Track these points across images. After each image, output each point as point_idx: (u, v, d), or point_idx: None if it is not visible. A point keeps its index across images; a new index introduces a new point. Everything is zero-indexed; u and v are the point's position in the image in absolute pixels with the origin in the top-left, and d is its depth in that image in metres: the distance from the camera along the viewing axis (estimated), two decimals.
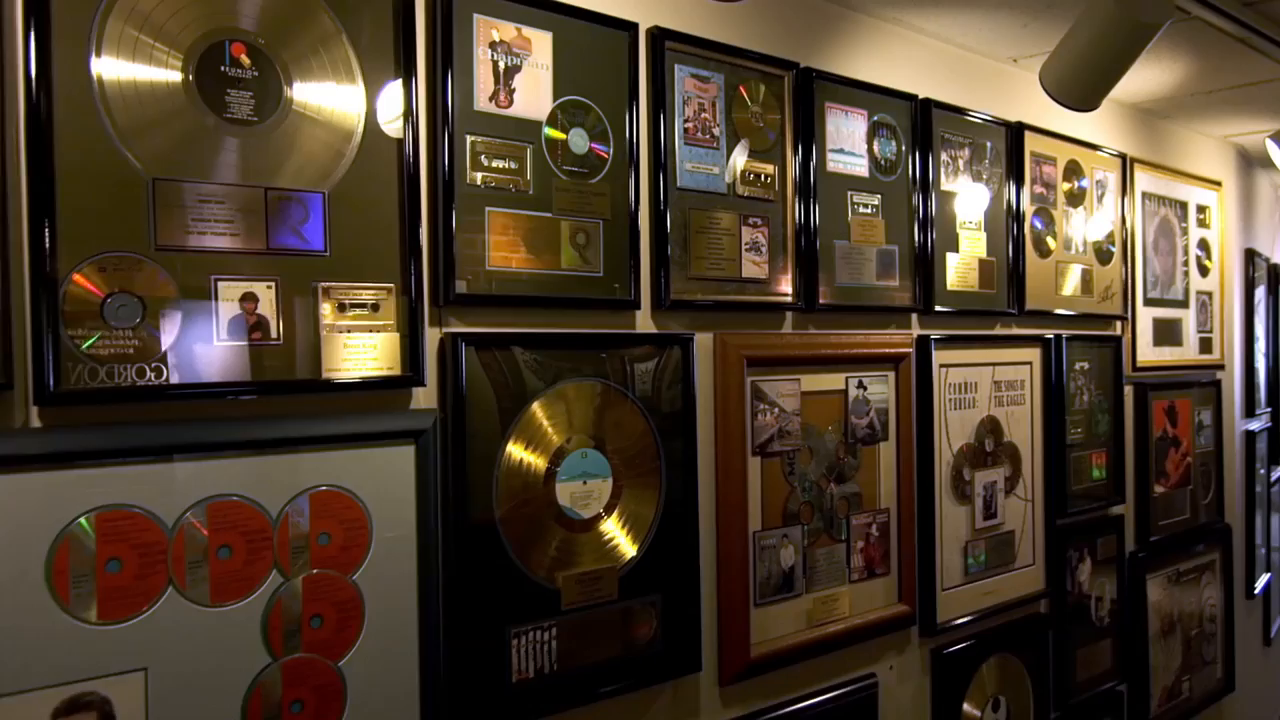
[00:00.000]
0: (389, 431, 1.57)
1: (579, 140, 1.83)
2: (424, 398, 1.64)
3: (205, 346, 1.39)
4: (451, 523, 1.64)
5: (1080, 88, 2.02)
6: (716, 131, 2.06)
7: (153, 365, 1.35)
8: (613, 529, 1.87)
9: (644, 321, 1.96)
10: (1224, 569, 3.86)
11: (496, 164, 1.72)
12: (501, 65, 1.73)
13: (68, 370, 1.28)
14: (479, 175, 1.70)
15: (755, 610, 2.14)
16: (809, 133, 2.23)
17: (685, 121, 2.01)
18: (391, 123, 1.59)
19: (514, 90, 1.75)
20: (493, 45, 1.72)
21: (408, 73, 1.61)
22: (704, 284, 2.04)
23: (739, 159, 2.10)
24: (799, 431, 2.24)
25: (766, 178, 2.16)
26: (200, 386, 1.39)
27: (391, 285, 1.59)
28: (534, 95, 1.78)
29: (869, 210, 2.39)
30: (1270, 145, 2.84)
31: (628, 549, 1.89)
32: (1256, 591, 4.24)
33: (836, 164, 2.31)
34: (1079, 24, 1.99)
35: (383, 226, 1.58)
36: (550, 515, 1.78)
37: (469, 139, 1.69)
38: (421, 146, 1.64)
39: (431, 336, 1.66)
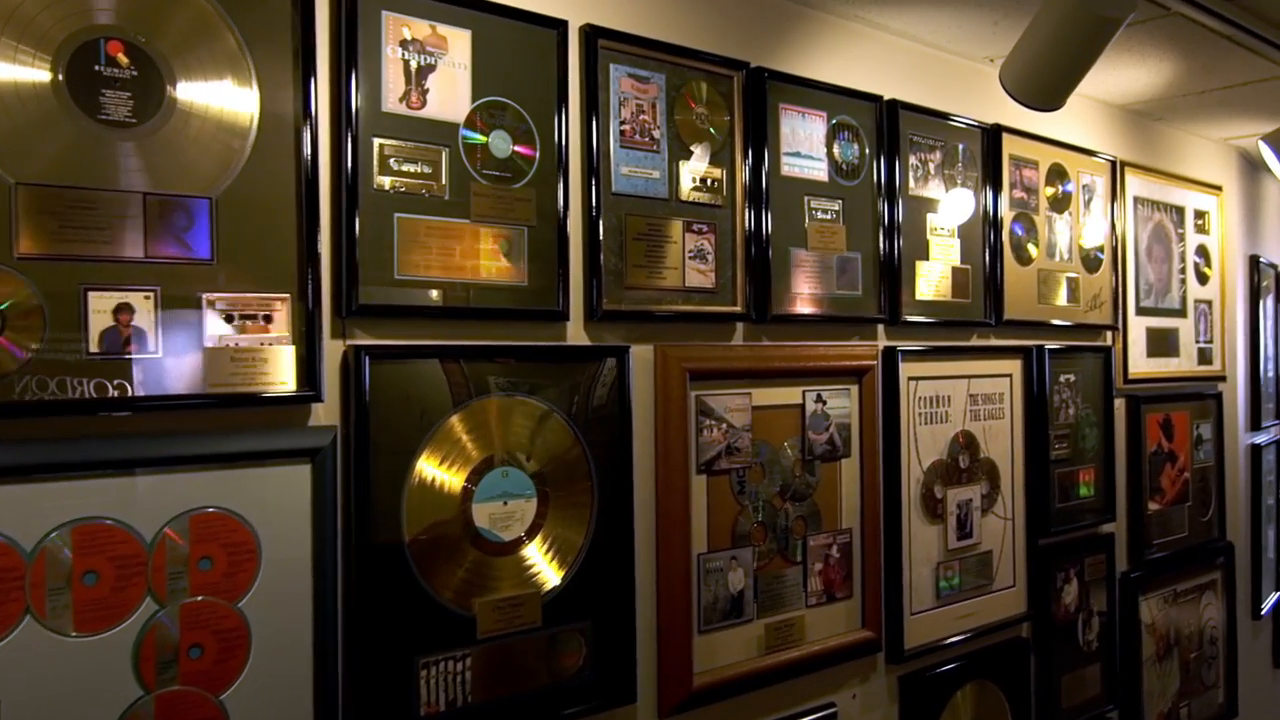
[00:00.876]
0: (281, 450, 1.48)
1: (501, 143, 1.75)
2: (325, 414, 1.56)
3: (74, 360, 1.31)
4: (353, 546, 1.55)
5: (1041, 86, 1.91)
6: (657, 134, 1.97)
7: (15, 380, 1.27)
8: (536, 552, 1.77)
9: (575, 333, 1.87)
10: (1226, 588, 3.70)
11: (407, 168, 1.64)
12: (414, 64, 1.65)
13: None
14: (387, 180, 1.61)
15: (699, 637, 2.04)
16: (760, 135, 2.13)
17: (621, 124, 1.92)
18: (288, 124, 1.50)
19: (427, 91, 1.67)
20: (404, 43, 1.64)
21: (307, 72, 1.53)
22: (644, 294, 1.94)
23: (698, 165, 2.01)
24: (750, 448, 2.13)
25: (713, 182, 2.06)
26: (67, 403, 1.31)
27: (287, 295, 1.50)
28: (450, 96, 1.69)
29: (829, 216, 2.28)
30: (1263, 147, 2.70)
31: (554, 573, 1.80)
32: (1264, 611, 4.07)
33: (792, 168, 2.21)
34: (1038, 19, 1.88)
35: (278, 234, 1.50)
36: (466, 537, 1.69)
37: (376, 142, 1.61)
38: (323, 149, 1.56)
39: (334, 349, 1.57)
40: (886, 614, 2.42)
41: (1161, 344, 3.37)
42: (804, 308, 2.22)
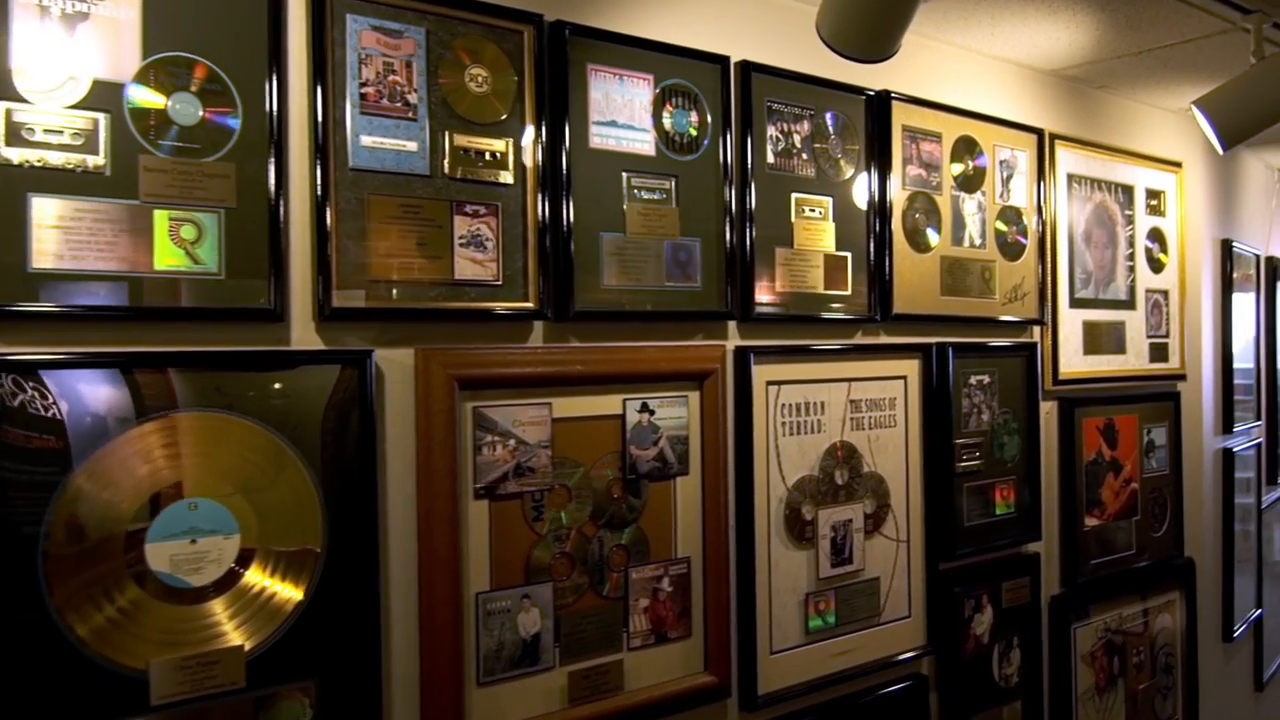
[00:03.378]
0: None
1: (186, 108, 1.45)
2: None
3: None
4: None
5: (860, 32, 1.58)
6: (413, 99, 1.66)
7: None
8: (236, 599, 1.48)
9: (304, 336, 1.57)
10: (1186, 609, 3.34)
11: (48, 138, 1.34)
12: (56, 12, 1.36)
13: None
14: (17, 153, 1.32)
15: (479, 690, 1.74)
16: (561, 102, 1.82)
17: (363, 86, 1.61)
18: None
19: (77, 44, 1.37)
20: None
21: None
22: (399, 288, 1.64)
23: (474, 137, 1.73)
24: (549, 467, 1.82)
25: (495, 156, 1.75)
26: None
27: None
28: (111, 51, 1.40)
29: (656, 196, 1.96)
30: (1196, 113, 2.35)
31: (264, 623, 1.50)
32: (1237, 633, 3.69)
33: (606, 140, 1.89)
34: None
35: None
36: (136, 582, 1.40)
37: (2, 107, 1.31)
38: None
39: None
40: (739, 654, 2.11)
41: (1102, 340, 3.00)
42: (624, 304, 1.91)
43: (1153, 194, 3.21)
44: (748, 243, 2.09)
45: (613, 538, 1.92)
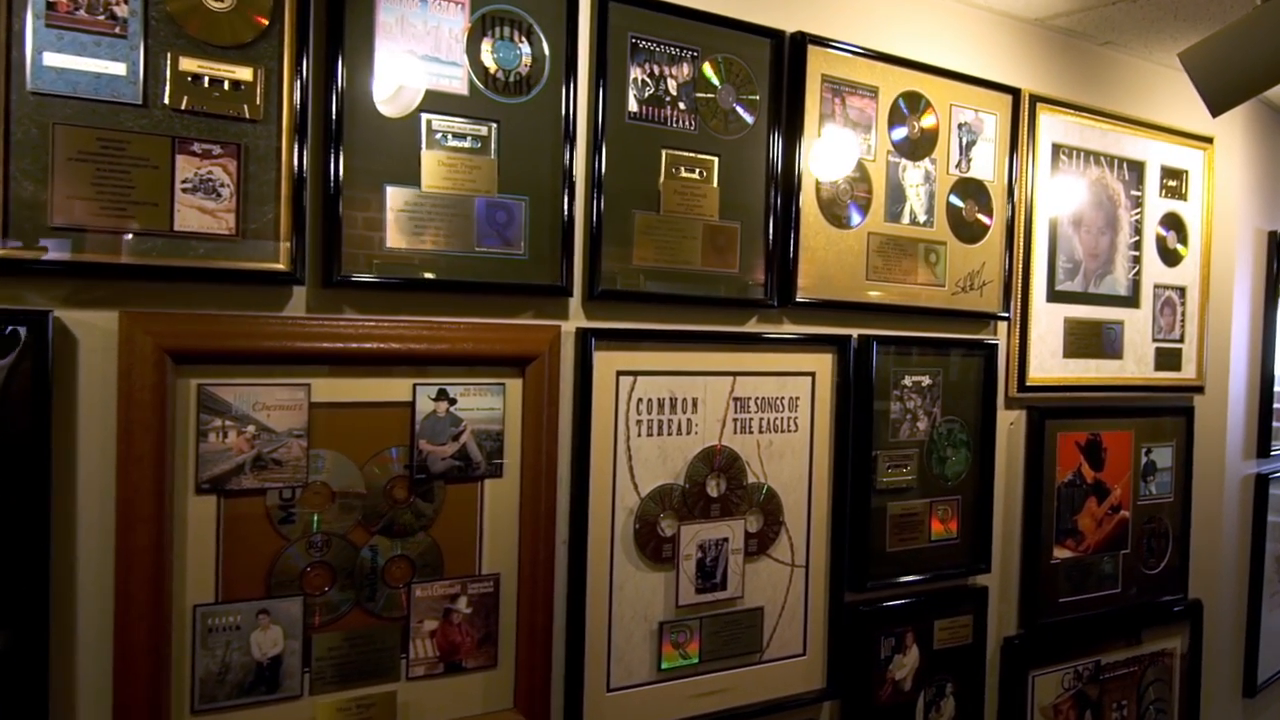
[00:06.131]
0: None
1: None
2: None
3: None
4: None
5: None
6: (121, 13, 1.38)
7: None
8: None
9: None
10: (1189, 659, 2.86)
11: None
12: None
13: None
14: None
15: (191, 719, 1.47)
16: (337, 26, 1.52)
17: None
18: None
19: None
20: None
21: None
22: (94, 237, 1.37)
23: (208, 62, 1.44)
24: (303, 460, 1.54)
25: (238, 87, 1.46)
26: None
27: None
28: None
29: (466, 144, 1.64)
30: (1184, 69, 1.89)
31: None
32: (1261, 687, 3.18)
33: (400, 74, 1.58)
34: None
35: None
36: None
37: None
38: None
39: None
40: (566, 690, 1.79)
41: (1091, 341, 2.55)
42: (418, 270, 1.60)
43: (1171, 173, 2.72)
44: (596, 206, 1.75)
45: (393, 547, 1.62)
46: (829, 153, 2.04)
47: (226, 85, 1.45)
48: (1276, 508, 3.20)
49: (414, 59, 1.59)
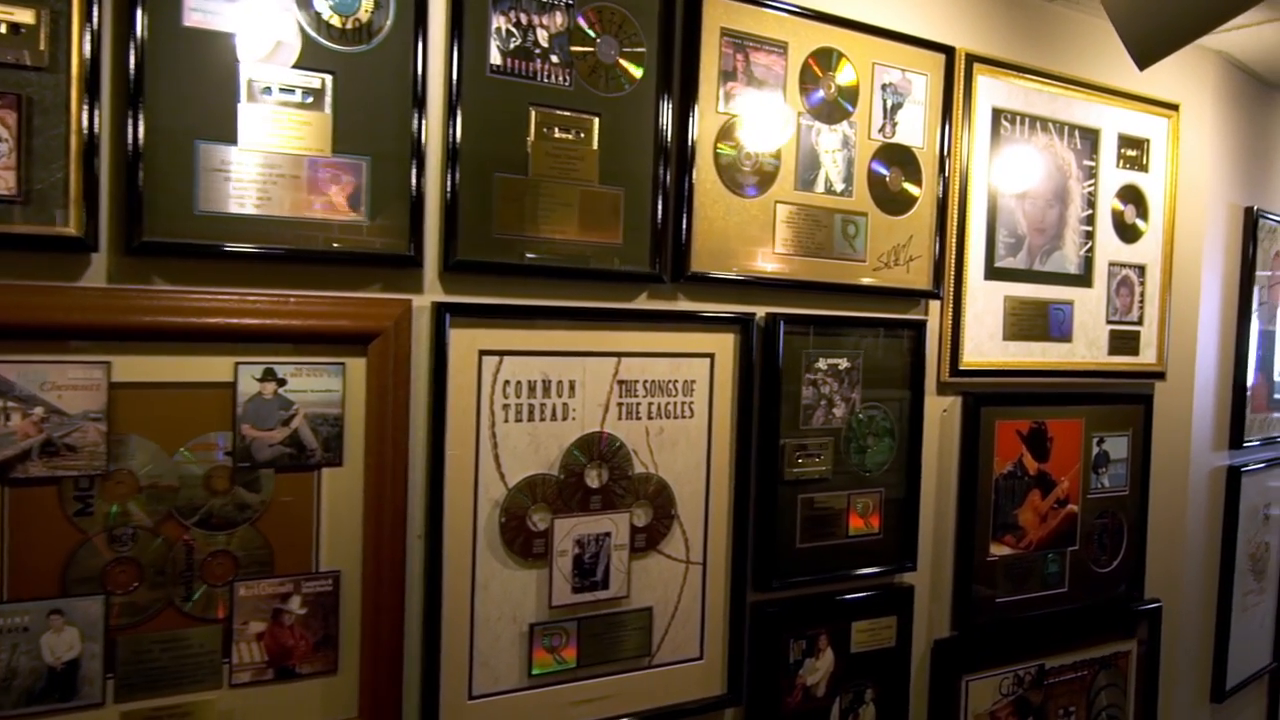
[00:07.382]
0: None
1: None
2: None
3: None
4: None
5: None
6: None
7: None
8: None
9: None
10: (1145, 663, 2.69)
11: None
12: None
13: None
14: None
15: None
16: None
17: None
18: None
19: None
20: None
21: None
22: None
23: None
24: (101, 446, 1.39)
25: (17, 30, 1.31)
26: None
27: None
28: None
29: (295, 97, 1.48)
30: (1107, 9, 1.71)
31: None
32: (1230, 693, 3.01)
33: (213, 18, 1.42)
34: None
35: None
36: None
37: None
38: None
39: None
40: (422, 697, 1.65)
41: (1035, 322, 2.37)
42: (239, 238, 1.45)
43: (1130, 142, 2.53)
44: (451, 168, 1.59)
45: (213, 542, 1.47)
46: (729, 114, 1.86)
47: (4, 28, 1.30)
48: (1250, 502, 3.02)
49: (230, 4, 1.43)
